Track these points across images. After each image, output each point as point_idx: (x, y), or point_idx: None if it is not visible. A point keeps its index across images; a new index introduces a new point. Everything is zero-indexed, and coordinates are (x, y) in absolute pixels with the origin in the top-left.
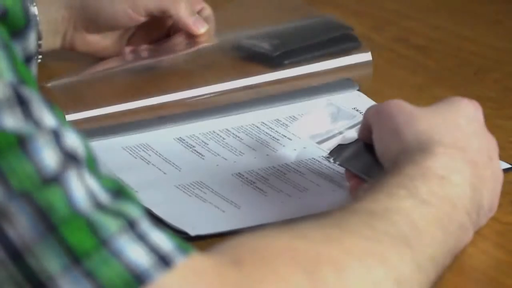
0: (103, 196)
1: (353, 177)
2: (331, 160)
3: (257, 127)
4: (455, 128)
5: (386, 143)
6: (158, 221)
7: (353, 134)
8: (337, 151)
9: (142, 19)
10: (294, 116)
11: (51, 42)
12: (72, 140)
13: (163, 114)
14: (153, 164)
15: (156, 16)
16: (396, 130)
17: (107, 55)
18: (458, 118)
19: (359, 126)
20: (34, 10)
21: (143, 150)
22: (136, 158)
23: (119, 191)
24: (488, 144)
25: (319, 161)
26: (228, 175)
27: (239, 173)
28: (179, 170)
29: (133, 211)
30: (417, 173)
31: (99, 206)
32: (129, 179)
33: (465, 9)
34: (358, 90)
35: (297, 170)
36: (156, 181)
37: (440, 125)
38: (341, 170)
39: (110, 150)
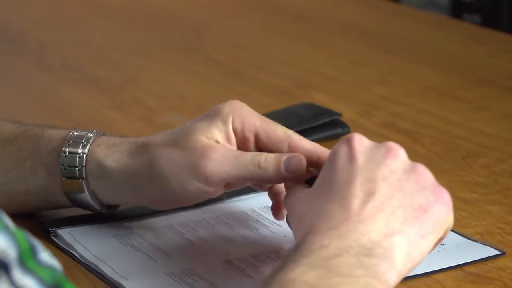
0: None
1: None
2: None
3: (247, 214)
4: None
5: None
6: None
7: None
8: None
9: (220, 191)
10: None
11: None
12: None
13: None
14: (143, 252)
15: None
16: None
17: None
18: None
19: None
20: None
21: (134, 238)
22: (126, 246)
23: (57, 284)
24: (404, 197)
25: None
26: (218, 262)
27: (229, 260)
28: (170, 258)
29: None
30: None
31: None
32: (120, 266)
33: (453, 94)
34: None
35: None
36: (147, 269)
37: (317, 207)
38: None
39: (101, 237)
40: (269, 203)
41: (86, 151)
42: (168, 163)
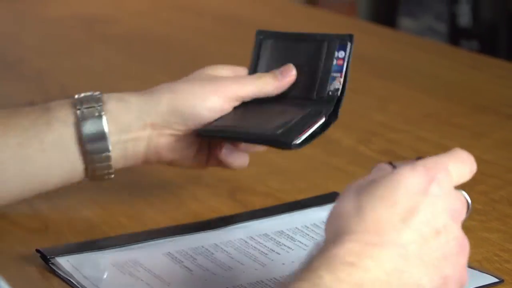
0: None
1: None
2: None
3: (246, 241)
4: (376, 209)
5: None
6: None
7: None
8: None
9: (231, 109)
10: (282, 231)
11: (131, 157)
12: None
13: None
14: (142, 280)
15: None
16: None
17: (193, 164)
18: (391, 196)
19: None
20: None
21: (132, 266)
22: (125, 274)
23: None
24: (437, 216)
25: None
26: None
27: None
28: (168, 285)
29: None
30: (322, 263)
31: None
32: None
33: (451, 121)
34: None
35: None
36: None
37: (356, 209)
38: None
39: (100, 265)
40: (268, 230)
41: (98, 93)
42: (189, 85)
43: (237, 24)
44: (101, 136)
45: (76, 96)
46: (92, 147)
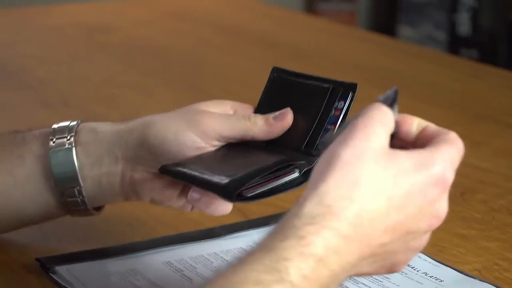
0: None
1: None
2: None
3: (246, 250)
4: (375, 200)
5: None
6: None
7: None
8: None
9: (212, 148)
10: None
11: (108, 193)
12: None
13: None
14: None
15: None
16: (330, 163)
17: (179, 207)
18: (396, 191)
19: None
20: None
21: (132, 275)
22: (125, 283)
23: None
24: (416, 221)
25: None
26: None
27: None
28: None
29: None
30: (295, 251)
31: None
32: None
33: (451, 130)
34: None
35: None
36: None
37: (358, 192)
38: None
39: (100, 274)
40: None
41: (75, 123)
42: (164, 118)
43: (237, 33)
44: (70, 170)
45: (54, 126)
46: (60, 181)
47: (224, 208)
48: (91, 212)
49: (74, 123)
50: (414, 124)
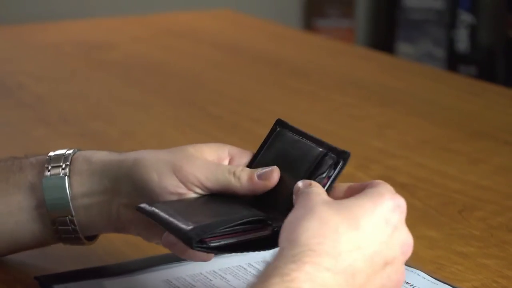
0: None
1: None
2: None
3: (244, 268)
4: (345, 231)
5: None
6: None
7: None
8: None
9: (195, 195)
10: None
11: (99, 224)
12: None
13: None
14: None
15: None
16: (298, 218)
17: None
18: (360, 220)
19: None
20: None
21: None
22: None
23: None
24: (389, 249)
25: None
26: None
27: None
28: None
29: None
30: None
31: None
32: None
33: (449, 148)
34: None
35: None
36: None
37: (327, 227)
38: None
39: None
40: (266, 257)
41: (71, 152)
42: (153, 157)
43: (235, 51)
44: (62, 199)
45: (50, 154)
46: (53, 210)
47: (203, 256)
48: (84, 241)
49: (70, 151)
50: (341, 186)
